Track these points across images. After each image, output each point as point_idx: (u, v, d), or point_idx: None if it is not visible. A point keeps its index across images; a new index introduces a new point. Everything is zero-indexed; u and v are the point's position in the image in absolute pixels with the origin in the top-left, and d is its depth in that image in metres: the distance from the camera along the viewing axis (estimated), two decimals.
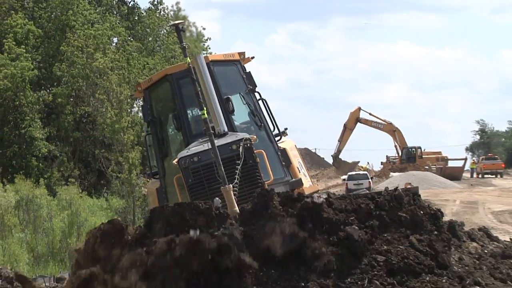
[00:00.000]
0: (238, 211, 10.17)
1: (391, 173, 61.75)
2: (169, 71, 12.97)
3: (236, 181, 10.78)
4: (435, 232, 10.04)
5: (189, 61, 10.90)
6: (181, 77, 12.44)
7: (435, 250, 9.73)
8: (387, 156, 75.44)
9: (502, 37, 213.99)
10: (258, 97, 13.01)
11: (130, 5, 44.56)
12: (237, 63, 13.00)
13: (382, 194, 10.19)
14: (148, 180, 19.53)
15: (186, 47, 10.85)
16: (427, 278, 9.23)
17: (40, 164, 32.78)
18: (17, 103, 32.61)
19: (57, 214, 27.52)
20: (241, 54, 13.04)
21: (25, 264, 24.25)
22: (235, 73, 12.98)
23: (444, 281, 9.28)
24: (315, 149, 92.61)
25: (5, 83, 31.99)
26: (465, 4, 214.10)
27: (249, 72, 13.02)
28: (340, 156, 75.01)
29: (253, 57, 13.20)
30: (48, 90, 34.91)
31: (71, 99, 35.20)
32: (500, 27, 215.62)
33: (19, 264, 23.74)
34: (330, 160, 77.08)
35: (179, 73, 12.51)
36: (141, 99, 13.81)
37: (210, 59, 12.38)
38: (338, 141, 73.13)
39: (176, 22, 11.03)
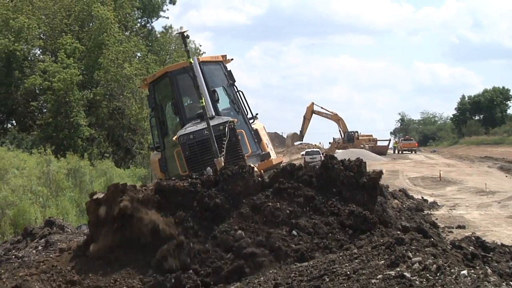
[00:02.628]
0: None
1: (337, 150, 61.16)
2: (169, 69, 12.13)
3: (223, 152, 10.15)
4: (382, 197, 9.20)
5: (191, 61, 10.35)
6: (178, 74, 11.70)
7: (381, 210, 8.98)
8: (333, 138, 74.99)
9: (416, 53, 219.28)
10: (236, 89, 12.22)
11: (148, 29, 44.28)
12: (221, 63, 12.21)
13: (349, 160, 9.19)
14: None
15: (189, 50, 10.30)
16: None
17: (84, 143, 32.03)
18: (67, 99, 31.84)
19: (96, 180, 26.76)
20: (224, 56, 12.30)
21: (73, 216, 23.40)
22: (219, 71, 12.17)
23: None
24: (282, 132, 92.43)
25: (59, 85, 31.39)
26: (388, 28, 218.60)
27: (230, 70, 12.27)
28: (301, 139, 75.18)
29: (232, 59, 12.42)
30: (89, 90, 34.12)
31: (106, 96, 34.52)
32: (414, 45, 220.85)
33: (69, 216, 22.95)
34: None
35: (177, 71, 11.79)
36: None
37: (200, 60, 11.61)
38: (300, 130, 73.05)
39: (182, 30, 10.42)
